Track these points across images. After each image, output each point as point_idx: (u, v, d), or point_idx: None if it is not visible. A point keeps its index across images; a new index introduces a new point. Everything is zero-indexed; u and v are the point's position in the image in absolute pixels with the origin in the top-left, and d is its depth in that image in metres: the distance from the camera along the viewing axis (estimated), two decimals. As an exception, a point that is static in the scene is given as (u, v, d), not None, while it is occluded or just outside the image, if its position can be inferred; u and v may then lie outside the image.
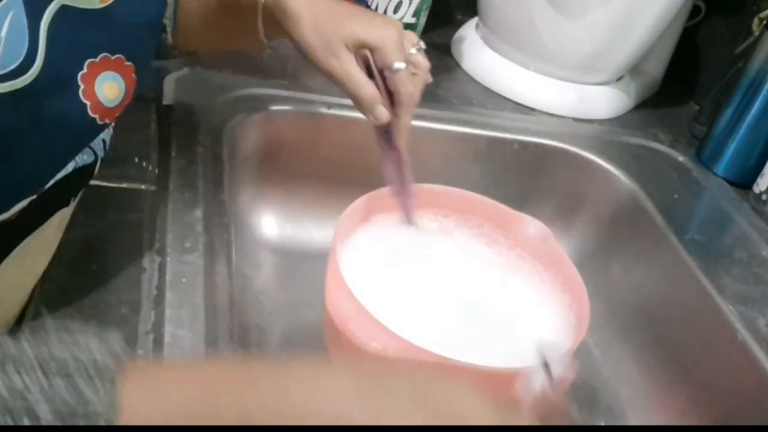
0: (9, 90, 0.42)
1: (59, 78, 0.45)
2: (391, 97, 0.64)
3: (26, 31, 0.42)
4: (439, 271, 0.66)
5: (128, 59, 0.48)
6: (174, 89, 0.79)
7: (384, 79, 0.63)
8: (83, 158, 0.53)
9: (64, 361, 0.35)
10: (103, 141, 0.55)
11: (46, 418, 0.33)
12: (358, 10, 0.64)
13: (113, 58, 0.47)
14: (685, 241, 0.79)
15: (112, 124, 0.55)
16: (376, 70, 0.62)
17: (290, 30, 0.63)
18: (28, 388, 0.33)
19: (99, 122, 0.48)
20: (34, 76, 0.43)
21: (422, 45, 0.66)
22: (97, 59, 0.47)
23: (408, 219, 0.69)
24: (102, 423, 0.33)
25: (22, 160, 0.45)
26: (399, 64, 0.62)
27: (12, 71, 0.42)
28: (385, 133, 0.65)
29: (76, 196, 0.55)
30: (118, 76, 0.48)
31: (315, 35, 0.62)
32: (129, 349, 0.39)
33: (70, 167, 0.51)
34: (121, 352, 0.37)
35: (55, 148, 0.47)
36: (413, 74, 0.64)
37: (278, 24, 0.63)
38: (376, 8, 0.86)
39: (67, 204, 0.54)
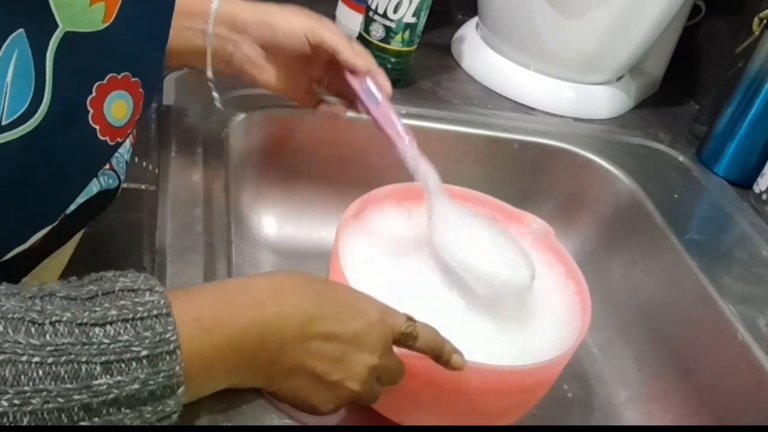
0: (19, 135, 0.40)
1: (68, 109, 0.43)
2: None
3: (32, 67, 0.40)
4: (441, 270, 0.66)
5: (134, 75, 0.47)
6: (174, 89, 0.79)
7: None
8: (108, 182, 0.52)
9: None
10: (126, 163, 0.54)
11: None
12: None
13: (120, 77, 0.46)
14: (685, 241, 0.79)
15: (130, 141, 0.54)
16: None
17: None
18: None
19: (111, 143, 0.47)
20: (43, 114, 0.41)
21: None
22: (105, 81, 0.45)
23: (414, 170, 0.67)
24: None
25: (35, 196, 0.43)
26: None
27: (21, 116, 0.40)
28: (367, 90, 0.69)
29: (96, 218, 0.53)
30: (126, 94, 0.47)
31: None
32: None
33: (94, 189, 0.50)
34: None
35: (69, 178, 0.46)
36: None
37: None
38: (376, 8, 0.86)
39: (85, 225, 0.53)
